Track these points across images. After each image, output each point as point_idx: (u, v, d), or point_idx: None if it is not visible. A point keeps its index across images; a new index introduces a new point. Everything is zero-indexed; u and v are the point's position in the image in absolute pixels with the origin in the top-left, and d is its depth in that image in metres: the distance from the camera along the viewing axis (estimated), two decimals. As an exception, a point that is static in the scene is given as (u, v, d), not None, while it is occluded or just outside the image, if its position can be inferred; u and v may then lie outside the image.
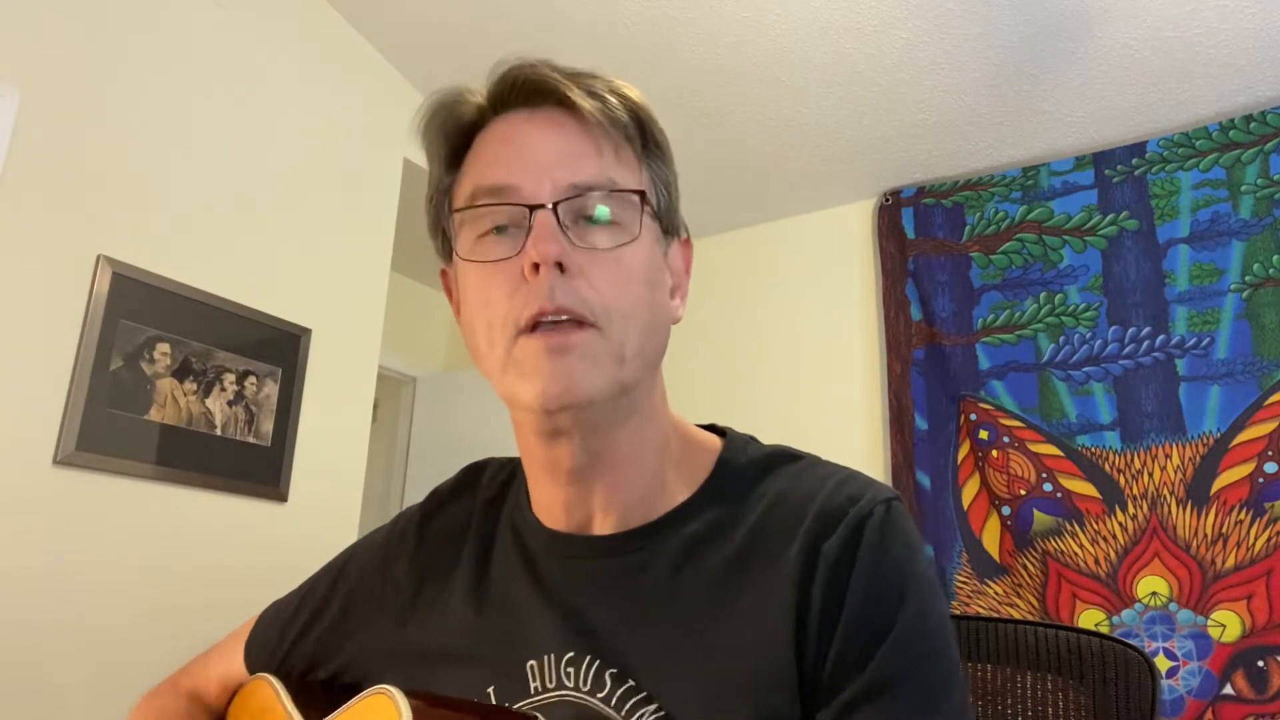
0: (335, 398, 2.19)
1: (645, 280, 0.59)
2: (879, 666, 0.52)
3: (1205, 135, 2.27)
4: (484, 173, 0.60)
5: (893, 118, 2.43)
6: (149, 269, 1.82)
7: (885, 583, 0.54)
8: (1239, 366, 2.11)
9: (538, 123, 0.60)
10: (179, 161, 1.92)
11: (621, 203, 0.59)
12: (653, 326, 0.60)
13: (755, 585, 0.57)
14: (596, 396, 0.56)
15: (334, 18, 2.34)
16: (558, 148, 0.59)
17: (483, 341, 0.59)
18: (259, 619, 0.79)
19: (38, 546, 1.60)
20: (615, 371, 0.57)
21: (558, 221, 0.56)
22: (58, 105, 1.71)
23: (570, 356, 0.55)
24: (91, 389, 1.69)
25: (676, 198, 0.65)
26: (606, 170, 0.59)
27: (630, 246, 0.58)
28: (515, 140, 0.60)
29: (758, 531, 0.59)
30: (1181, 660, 2.01)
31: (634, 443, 0.62)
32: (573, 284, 0.56)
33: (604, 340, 0.56)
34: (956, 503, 2.40)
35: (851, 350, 2.70)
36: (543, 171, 0.58)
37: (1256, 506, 2.02)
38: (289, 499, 2.03)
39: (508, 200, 0.58)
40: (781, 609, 0.55)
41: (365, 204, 2.38)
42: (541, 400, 0.55)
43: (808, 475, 0.61)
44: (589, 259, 0.57)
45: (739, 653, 0.55)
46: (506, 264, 0.57)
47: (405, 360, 3.39)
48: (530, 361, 0.56)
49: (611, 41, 2.26)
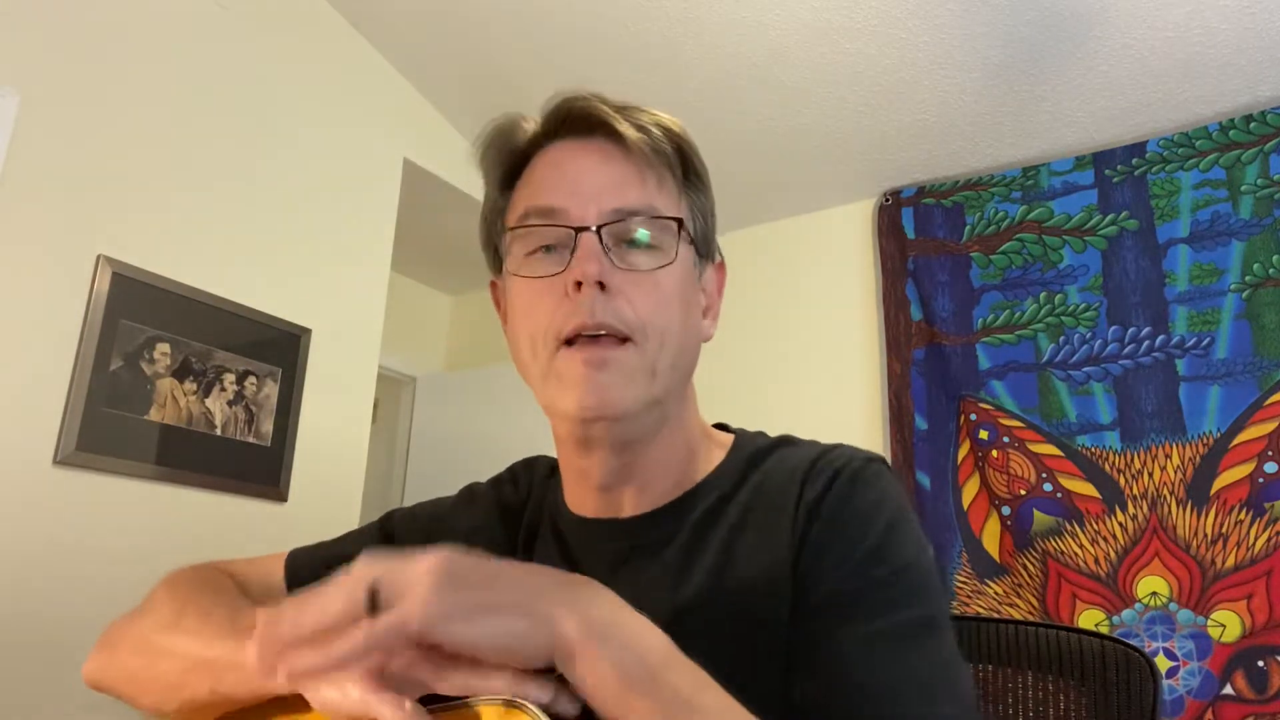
0: (335, 398, 2.19)
1: (680, 300, 0.64)
2: (839, 584, 0.56)
3: (1205, 135, 2.27)
4: (536, 195, 0.64)
5: (893, 118, 2.43)
6: (149, 269, 1.82)
7: (850, 520, 0.59)
8: (1239, 366, 2.11)
9: (587, 151, 0.65)
10: (179, 162, 1.92)
11: (660, 228, 0.63)
12: (685, 344, 0.65)
13: (754, 544, 0.61)
14: (630, 408, 0.60)
15: (334, 18, 2.34)
16: (605, 175, 0.64)
17: (526, 351, 0.63)
18: (292, 556, 0.79)
19: (38, 546, 1.60)
20: (648, 386, 0.61)
21: (601, 243, 0.61)
22: (58, 105, 1.71)
23: (607, 370, 0.59)
24: (91, 389, 1.69)
25: (713, 224, 0.70)
26: (648, 197, 0.63)
27: (667, 269, 0.63)
28: (565, 167, 0.65)
29: (756, 499, 0.64)
30: (1181, 660, 2.01)
31: (662, 453, 0.66)
32: (612, 302, 0.60)
33: (639, 356, 0.61)
34: (956, 503, 2.40)
35: (851, 350, 2.70)
36: (590, 197, 0.62)
37: (1256, 506, 2.02)
38: (289, 499, 2.03)
39: (556, 222, 0.62)
40: (776, 563, 0.59)
41: (365, 204, 2.38)
42: (579, 410, 0.60)
43: (799, 451, 0.66)
44: (628, 279, 0.61)
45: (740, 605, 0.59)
46: (552, 280, 0.61)
47: (405, 360, 3.39)
48: (569, 373, 0.60)
49: (612, 43, 2.26)
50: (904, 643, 0.54)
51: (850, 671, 0.53)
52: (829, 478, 0.61)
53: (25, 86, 1.66)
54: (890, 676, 0.53)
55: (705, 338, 0.70)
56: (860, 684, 0.53)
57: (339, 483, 2.19)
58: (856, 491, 0.60)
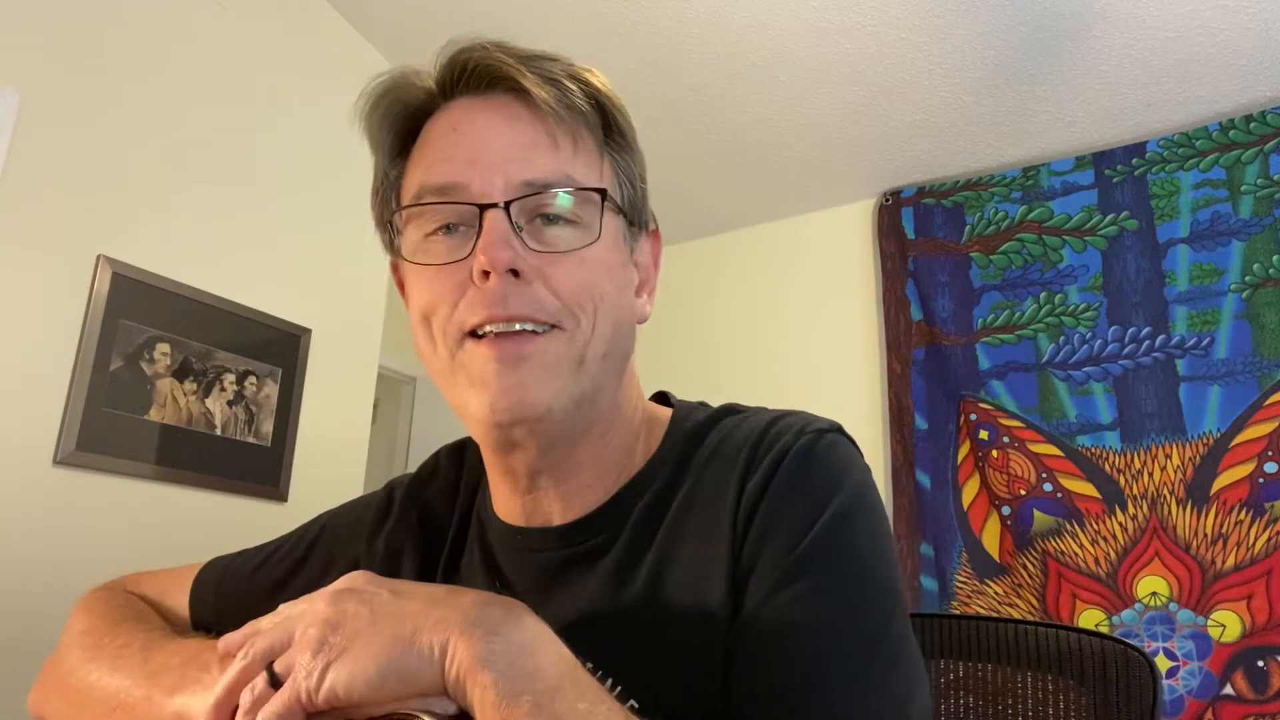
0: (335, 398, 2.19)
1: (608, 280, 0.56)
2: (786, 569, 0.50)
3: (1205, 135, 2.27)
4: (430, 168, 0.56)
5: (893, 118, 2.43)
6: (149, 269, 1.82)
7: (791, 515, 0.52)
8: (1239, 366, 2.11)
9: (489, 111, 0.56)
10: (179, 161, 1.92)
11: (581, 200, 0.55)
12: (617, 328, 0.57)
13: (694, 538, 0.55)
14: (554, 406, 0.53)
15: (334, 18, 2.34)
16: (510, 140, 0.55)
17: (425, 345, 0.56)
18: (208, 568, 0.75)
19: (38, 546, 1.60)
20: (574, 379, 0.54)
21: (510, 222, 0.52)
22: (58, 105, 1.71)
23: (524, 367, 0.52)
24: (91, 389, 1.69)
25: (644, 189, 0.61)
26: (563, 165, 0.55)
27: (590, 248, 0.54)
28: (464, 131, 0.56)
29: (696, 488, 0.57)
30: (1181, 660, 2.01)
31: (596, 450, 0.59)
32: (528, 289, 0.52)
33: (565, 344, 0.53)
34: (956, 503, 2.40)
35: (851, 350, 2.70)
36: (493, 167, 0.54)
37: (1256, 506, 2.02)
38: (289, 499, 2.03)
39: (455, 199, 0.54)
40: (717, 555, 0.53)
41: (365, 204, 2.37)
42: (492, 413, 0.52)
43: (746, 423, 0.59)
44: (545, 261, 0.53)
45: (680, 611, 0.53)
46: (455, 266, 0.53)
47: (405, 360, 3.39)
48: (479, 370, 0.52)
49: (611, 43, 2.26)
50: (847, 673, 0.47)
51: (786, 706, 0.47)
52: (774, 459, 0.54)
53: (25, 86, 1.66)
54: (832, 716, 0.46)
55: (641, 318, 0.61)
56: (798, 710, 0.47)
57: (339, 483, 2.19)
58: (803, 475, 0.53)
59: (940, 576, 2.34)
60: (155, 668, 0.55)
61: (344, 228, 2.30)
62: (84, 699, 0.59)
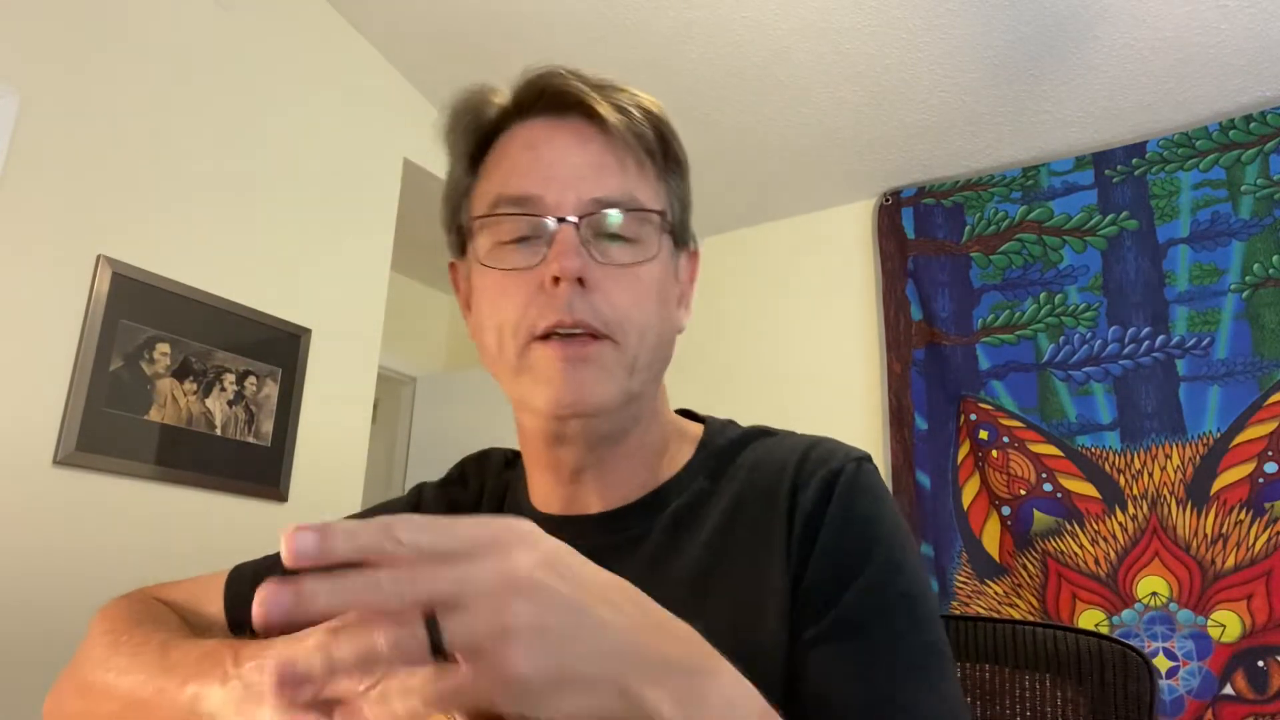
0: (335, 398, 2.19)
1: (658, 296, 0.61)
2: (845, 608, 0.54)
3: (1205, 135, 2.27)
4: (507, 180, 0.61)
5: (893, 118, 2.43)
6: (149, 269, 1.82)
7: (853, 534, 0.57)
8: (1239, 366, 2.11)
9: (563, 132, 0.61)
10: (179, 161, 1.92)
11: (641, 221, 0.60)
12: (662, 339, 0.62)
13: (743, 548, 0.59)
14: (607, 404, 0.58)
15: (334, 18, 2.34)
16: (582, 160, 0.60)
17: (493, 342, 0.60)
18: (237, 570, 0.75)
19: (38, 546, 1.60)
20: (625, 382, 0.59)
21: (579, 235, 0.58)
22: (58, 105, 1.71)
23: (585, 367, 0.57)
24: (91, 389, 1.69)
25: (689, 212, 0.67)
26: (628, 186, 0.60)
27: (647, 264, 0.60)
28: (539, 149, 0.61)
29: (740, 499, 0.61)
30: (1181, 660, 2.01)
31: (634, 447, 0.64)
32: (590, 298, 0.57)
33: (617, 353, 0.58)
34: (956, 503, 2.40)
35: (851, 350, 2.70)
36: (566, 184, 0.59)
37: (1256, 506, 2.02)
38: (289, 499, 2.03)
39: (531, 211, 0.59)
40: (771, 566, 0.57)
41: (365, 204, 2.38)
42: (555, 406, 0.58)
43: (781, 445, 0.64)
44: (607, 274, 0.58)
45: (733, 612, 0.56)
46: (527, 273, 0.58)
47: (405, 360, 3.39)
48: (545, 368, 0.58)
49: (612, 42, 2.26)
50: (915, 671, 0.52)
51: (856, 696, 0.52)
52: (825, 482, 0.58)
53: (25, 86, 1.66)
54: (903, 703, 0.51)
55: (679, 329, 0.67)
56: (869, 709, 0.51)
57: (339, 483, 2.19)
58: (859, 502, 0.58)
59: (940, 576, 2.34)
60: (172, 663, 0.55)
61: (344, 228, 2.30)
62: (101, 697, 0.58)
